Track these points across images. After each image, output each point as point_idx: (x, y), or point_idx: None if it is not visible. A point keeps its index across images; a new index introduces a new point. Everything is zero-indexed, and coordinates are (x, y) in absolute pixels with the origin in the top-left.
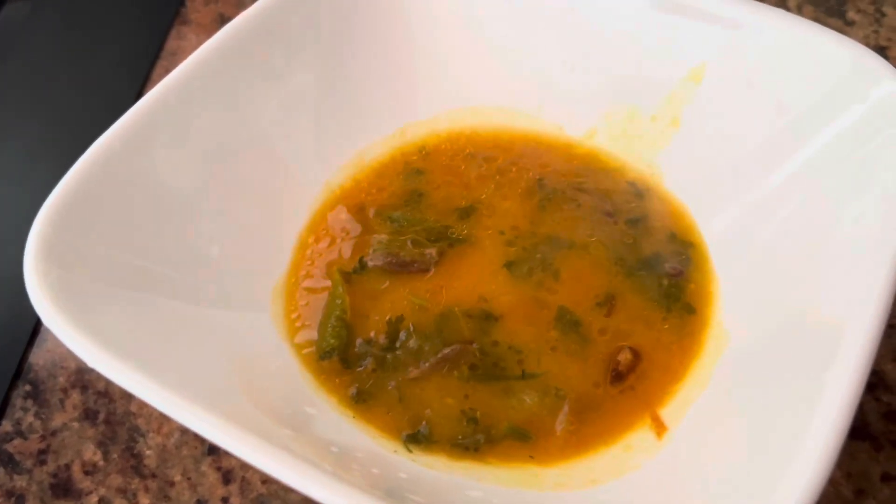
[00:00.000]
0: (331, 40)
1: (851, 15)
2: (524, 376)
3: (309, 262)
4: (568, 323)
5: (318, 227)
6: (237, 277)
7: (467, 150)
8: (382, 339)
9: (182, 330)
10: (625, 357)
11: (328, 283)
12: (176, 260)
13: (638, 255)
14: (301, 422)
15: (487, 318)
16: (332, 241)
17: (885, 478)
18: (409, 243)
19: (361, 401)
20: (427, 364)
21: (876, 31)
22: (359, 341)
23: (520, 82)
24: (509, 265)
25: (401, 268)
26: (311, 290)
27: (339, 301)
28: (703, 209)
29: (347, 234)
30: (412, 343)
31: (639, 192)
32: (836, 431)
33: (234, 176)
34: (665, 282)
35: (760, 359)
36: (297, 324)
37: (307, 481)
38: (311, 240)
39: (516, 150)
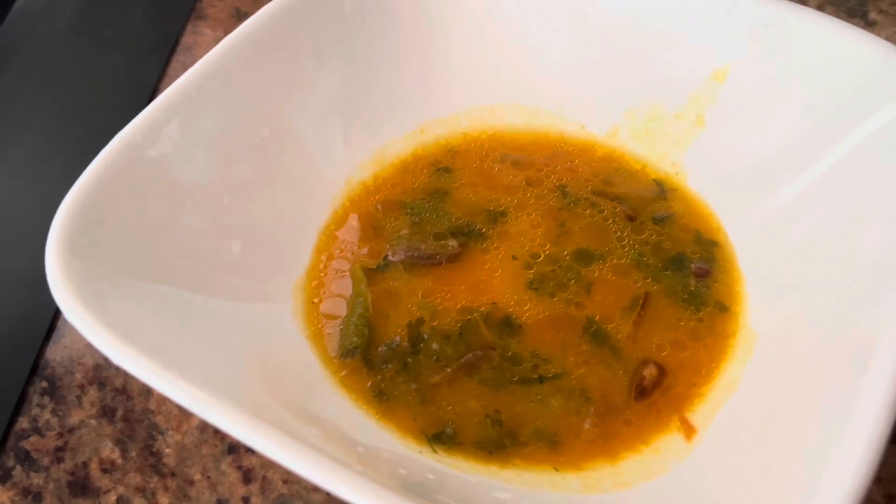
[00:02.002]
0: (350, 36)
1: (873, 15)
2: (547, 380)
3: (330, 260)
4: (594, 331)
5: (339, 225)
6: (258, 273)
7: (488, 150)
8: (405, 344)
9: (205, 325)
10: (650, 373)
11: (350, 280)
12: (197, 254)
13: (663, 256)
14: (325, 420)
15: (510, 324)
16: (354, 239)
17: None
18: (430, 237)
19: (384, 401)
20: (449, 370)
21: None
22: (381, 346)
23: (541, 80)
24: (531, 272)
25: (423, 260)
26: (332, 288)
27: (361, 299)
28: (729, 209)
29: (368, 232)
30: (434, 346)
31: (663, 192)
32: (876, 439)
33: (255, 172)
34: (692, 282)
35: (790, 362)
36: (319, 322)
37: (341, 483)
38: (332, 237)
39: (540, 151)
